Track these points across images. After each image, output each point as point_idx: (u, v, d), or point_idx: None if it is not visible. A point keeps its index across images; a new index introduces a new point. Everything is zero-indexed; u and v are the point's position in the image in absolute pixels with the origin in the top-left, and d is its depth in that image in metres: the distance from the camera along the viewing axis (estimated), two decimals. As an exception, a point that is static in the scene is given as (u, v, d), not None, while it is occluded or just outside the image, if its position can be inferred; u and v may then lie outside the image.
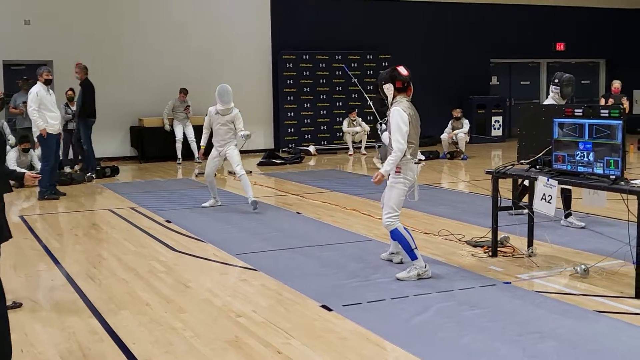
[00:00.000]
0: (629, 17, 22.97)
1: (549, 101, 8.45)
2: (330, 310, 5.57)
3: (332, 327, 5.20)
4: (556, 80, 8.39)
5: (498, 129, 20.85)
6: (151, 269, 6.94)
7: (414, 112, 6.47)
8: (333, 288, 6.18)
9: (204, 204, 10.38)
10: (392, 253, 7.00)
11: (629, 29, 22.92)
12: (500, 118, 20.85)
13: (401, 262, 6.85)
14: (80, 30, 16.50)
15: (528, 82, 22.75)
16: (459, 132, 16.59)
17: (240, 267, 7.01)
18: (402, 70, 6.51)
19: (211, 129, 10.05)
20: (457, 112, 16.92)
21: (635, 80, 22.04)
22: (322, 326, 5.22)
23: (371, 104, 13.17)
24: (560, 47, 22.38)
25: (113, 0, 16.88)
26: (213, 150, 10.06)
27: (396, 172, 6.40)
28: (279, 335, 5.03)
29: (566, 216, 8.48)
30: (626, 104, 14.69)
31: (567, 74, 8.40)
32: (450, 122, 17.03)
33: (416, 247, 6.41)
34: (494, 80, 22.03)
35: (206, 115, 10.10)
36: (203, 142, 10.37)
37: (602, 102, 14.82)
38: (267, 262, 7.13)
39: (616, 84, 15.08)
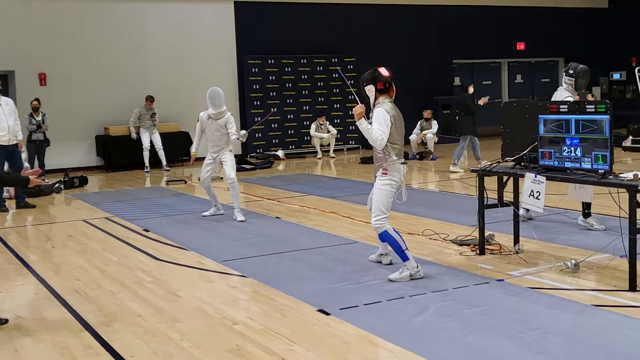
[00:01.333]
0: (586, 17, 23.39)
1: (561, 93, 8.08)
2: (328, 314, 5.49)
3: (333, 331, 5.12)
4: (570, 72, 8.01)
5: (463, 128, 20.98)
6: (137, 279, 6.78)
7: (397, 113, 6.45)
8: (326, 292, 6.11)
9: (204, 213, 9.97)
10: (382, 254, 6.96)
11: (586, 28, 23.35)
12: (465, 118, 20.98)
13: (391, 263, 6.81)
14: (42, 41, 16.17)
15: (490, 82, 22.98)
16: (428, 132, 16.67)
17: (228, 274, 6.90)
18: (383, 71, 6.50)
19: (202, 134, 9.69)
20: (427, 113, 17.02)
21: (592, 78, 22.34)
22: (323, 331, 5.14)
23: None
24: (521, 46, 22.69)
25: (75, 10, 16.56)
26: (207, 155, 9.72)
27: (382, 173, 6.38)
28: (281, 342, 4.94)
29: (585, 215, 8.07)
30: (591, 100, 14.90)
31: (582, 65, 8.05)
32: (419, 122, 17.12)
33: (407, 248, 6.38)
34: (457, 81, 22.20)
35: (197, 121, 9.74)
36: (194, 149, 10.03)
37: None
38: (255, 268, 7.02)
39: (580, 82, 15.27)
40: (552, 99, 8.25)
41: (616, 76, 23.31)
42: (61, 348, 4.99)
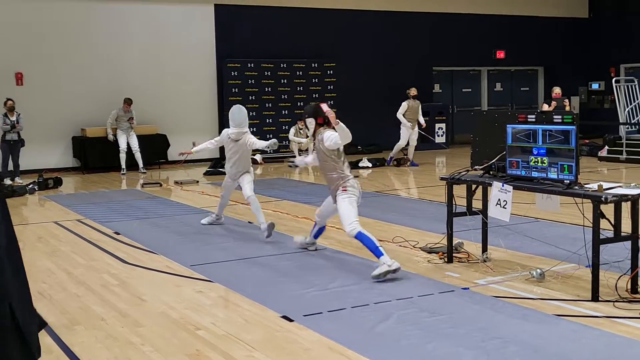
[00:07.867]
0: (566, 26, 23.57)
1: None
2: (291, 320, 5.49)
3: (295, 338, 5.12)
4: None
5: (441, 135, 21.10)
6: (104, 283, 6.74)
7: None
8: (292, 298, 6.11)
9: (202, 221, 9.59)
10: (308, 243, 7.89)
11: (566, 37, 23.54)
12: (443, 125, 21.10)
13: (316, 250, 7.83)
14: (19, 40, 16.07)
15: (469, 90, 23.12)
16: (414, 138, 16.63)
17: (195, 278, 6.87)
18: (324, 107, 6.95)
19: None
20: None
21: (571, 87, 22.64)
22: (285, 337, 5.14)
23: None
24: (501, 55, 22.83)
25: (52, 10, 16.47)
26: (226, 176, 9.29)
27: (343, 190, 6.97)
28: (242, 348, 4.93)
29: None
30: (568, 106, 15.11)
31: None
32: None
33: (380, 245, 6.72)
34: (437, 88, 22.31)
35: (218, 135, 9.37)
36: (196, 148, 9.46)
37: (545, 106, 15.15)
38: (223, 273, 7.01)
39: (557, 90, 15.47)
40: None
41: (595, 86, 23.52)
42: (20, 352, 4.94)
